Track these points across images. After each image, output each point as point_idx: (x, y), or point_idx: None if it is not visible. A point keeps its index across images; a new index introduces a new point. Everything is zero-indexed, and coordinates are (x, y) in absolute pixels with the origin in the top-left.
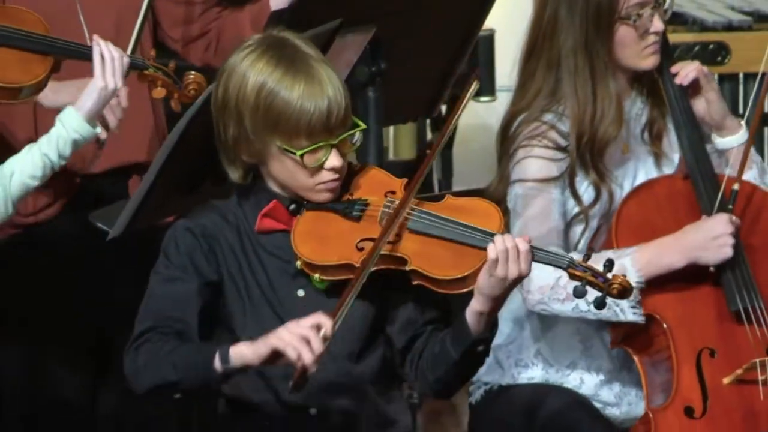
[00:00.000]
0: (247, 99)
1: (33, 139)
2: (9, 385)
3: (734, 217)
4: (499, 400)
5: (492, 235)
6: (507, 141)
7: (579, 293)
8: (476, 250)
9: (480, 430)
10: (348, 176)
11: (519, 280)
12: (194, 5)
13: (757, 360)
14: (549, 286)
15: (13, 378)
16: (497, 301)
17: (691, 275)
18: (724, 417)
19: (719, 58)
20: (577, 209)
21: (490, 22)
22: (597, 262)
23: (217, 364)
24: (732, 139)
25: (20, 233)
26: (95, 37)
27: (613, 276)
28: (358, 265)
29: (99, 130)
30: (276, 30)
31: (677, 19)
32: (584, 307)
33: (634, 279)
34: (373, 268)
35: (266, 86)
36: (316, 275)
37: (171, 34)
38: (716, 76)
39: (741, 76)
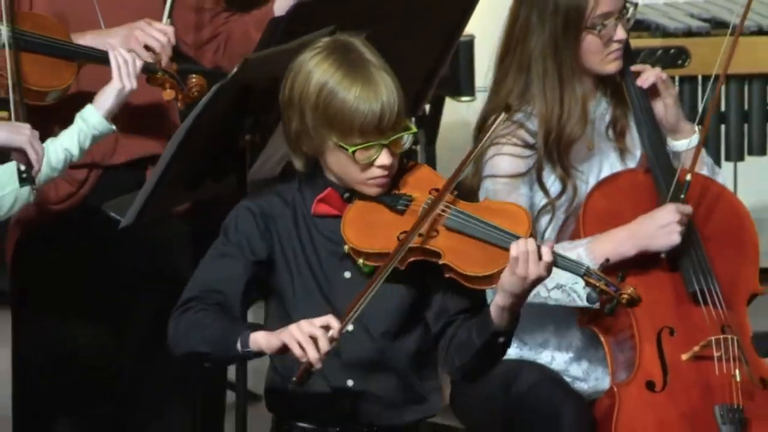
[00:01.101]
0: (309, 96)
1: None
2: (32, 364)
3: (684, 206)
4: None
5: (505, 234)
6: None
7: (591, 300)
8: (504, 251)
9: (460, 401)
10: (399, 172)
11: (539, 281)
12: (204, 11)
13: (713, 338)
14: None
15: (36, 356)
16: (518, 299)
17: (652, 261)
18: (683, 390)
19: (679, 62)
20: (544, 201)
21: (470, 28)
22: (567, 251)
23: (238, 346)
24: (684, 142)
25: (45, 219)
26: (109, 45)
27: (624, 286)
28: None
29: (114, 128)
30: (344, 35)
31: (641, 26)
32: (544, 294)
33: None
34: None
35: (327, 86)
36: (361, 260)
37: (184, 39)
38: (677, 78)
39: (700, 78)
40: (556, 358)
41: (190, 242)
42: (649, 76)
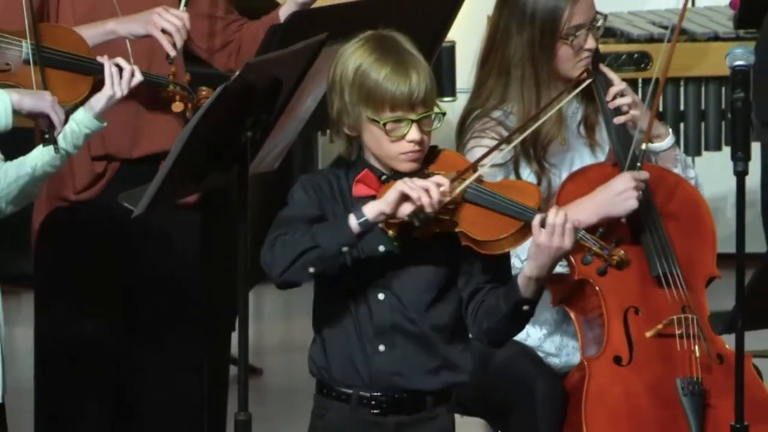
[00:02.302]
0: (347, 76)
1: None
2: (51, 342)
3: (639, 173)
4: None
5: (528, 209)
6: (462, 133)
7: (586, 261)
8: (513, 219)
9: None
10: (430, 155)
11: (563, 252)
12: (217, 20)
13: (674, 317)
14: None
15: (54, 335)
16: (544, 269)
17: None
18: (647, 364)
19: (642, 65)
20: None
21: (451, 35)
22: None
23: (353, 222)
24: (661, 144)
25: (66, 207)
26: (105, 57)
27: (615, 250)
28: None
29: (105, 124)
30: (383, 30)
31: (608, 33)
32: (518, 264)
33: None
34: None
35: (362, 66)
36: (390, 232)
37: (199, 45)
38: (640, 80)
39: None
40: (530, 335)
41: (198, 231)
42: (616, 99)
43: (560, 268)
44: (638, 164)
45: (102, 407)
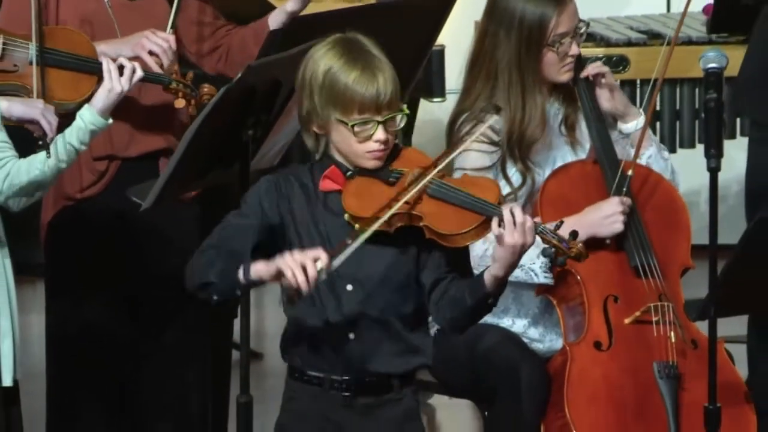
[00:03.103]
0: (317, 78)
1: None
2: (61, 330)
3: (625, 198)
4: (447, 337)
5: (489, 204)
6: (452, 135)
7: (547, 253)
8: (474, 213)
9: (434, 359)
10: (393, 153)
11: (525, 248)
12: (205, 25)
13: (651, 305)
14: (479, 256)
15: (64, 324)
16: (509, 268)
17: (600, 241)
18: (626, 349)
19: (620, 68)
20: (507, 190)
21: (441, 39)
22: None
23: (240, 275)
24: (633, 124)
25: (71, 205)
26: (103, 56)
27: (573, 243)
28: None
29: (111, 121)
30: (350, 33)
31: (588, 37)
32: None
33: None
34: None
35: (331, 69)
36: (357, 225)
37: (189, 50)
38: (618, 82)
39: (638, 81)
40: (515, 322)
41: (198, 224)
42: (593, 67)
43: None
44: (624, 189)
45: (108, 395)
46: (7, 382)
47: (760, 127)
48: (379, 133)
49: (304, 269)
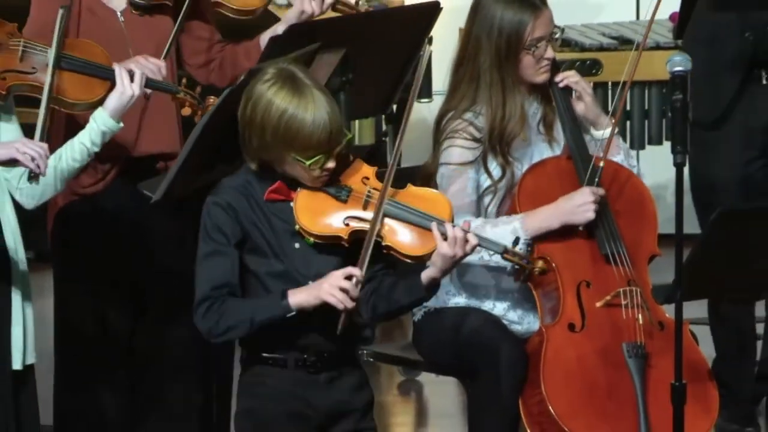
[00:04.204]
0: (270, 119)
1: None
2: (69, 324)
3: (597, 189)
4: (433, 319)
5: (435, 218)
6: (438, 133)
7: (509, 273)
8: (429, 232)
9: (420, 340)
10: (338, 166)
11: (461, 260)
12: (204, 40)
13: (621, 289)
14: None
15: (72, 317)
16: (445, 272)
17: (573, 230)
18: (597, 331)
19: (594, 71)
20: (488, 183)
21: None
22: (505, 223)
23: (286, 307)
24: (605, 132)
25: (79, 200)
26: (115, 63)
27: (534, 260)
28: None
29: (122, 124)
30: (284, 63)
31: (564, 42)
32: (486, 257)
33: (522, 237)
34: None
35: (287, 113)
36: (312, 239)
37: (188, 62)
38: (592, 84)
39: (609, 84)
40: (496, 305)
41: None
42: (567, 76)
43: None
44: (596, 180)
45: (114, 388)
46: (17, 366)
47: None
48: (330, 163)
49: (347, 292)
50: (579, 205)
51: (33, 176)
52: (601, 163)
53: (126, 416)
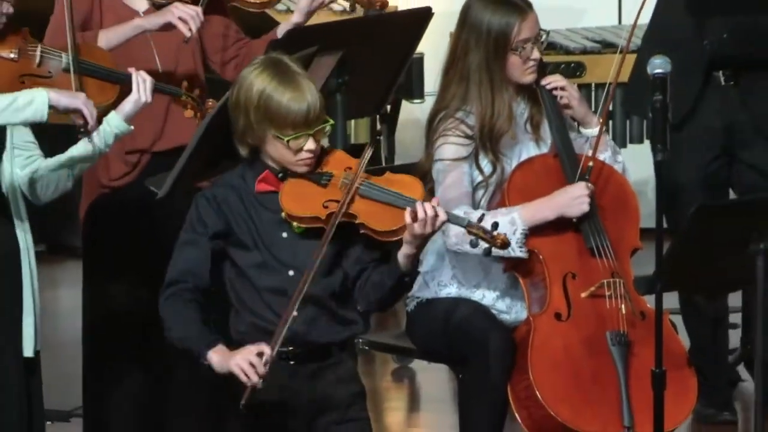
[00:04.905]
0: (252, 99)
1: None
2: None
3: (589, 184)
4: (426, 309)
5: (407, 199)
6: (431, 131)
7: (473, 244)
8: (404, 210)
9: (412, 329)
10: (321, 156)
11: (431, 235)
12: (228, 38)
13: (605, 281)
14: (454, 243)
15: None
16: (419, 248)
17: (560, 224)
18: (583, 320)
19: (578, 73)
20: (480, 178)
21: (421, 48)
22: (504, 215)
23: (199, 353)
24: (593, 130)
25: (107, 193)
26: (133, 69)
27: (497, 234)
28: (323, 218)
29: (132, 128)
30: (274, 53)
31: (549, 46)
32: (468, 248)
33: (520, 228)
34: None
35: (265, 91)
36: (295, 223)
37: (212, 59)
38: (576, 86)
39: (593, 85)
40: (486, 296)
41: None
42: (554, 80)
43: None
44: (586, 177)
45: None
46: (29, 353)
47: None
48: (310, 144)
49: (254, 367)
50: (575, 198)
51: (84, 132)
52: (591, 163)
53: (153, 400)
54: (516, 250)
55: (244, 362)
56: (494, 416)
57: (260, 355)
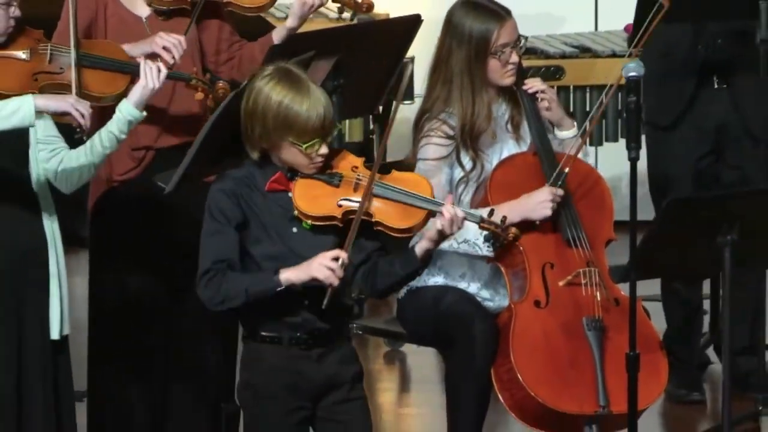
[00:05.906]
0: (270, 109)
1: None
2: (102, 297)
3: (557, 189)
4: (415, 296)
5: (429, 200)
6: (416, 131)
7: (487, 238)
8: (418, 209)
9: (403, 315)
10: (328, 156)
11: (452, 234)
12: (224, 41)
13: (581, 270)
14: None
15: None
16: (437, 244)
17: (531, 222)
18: (561, 307)
19: (557, 76)
20: (461, 174)
21: (412, 51)
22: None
23: (277, 282)
24: (567, 133)
25: (113, 188)
26: (141, 58)
27: (508, 227)
28: (339, 216)
29: (144, 113)
30: (282, 62)
31: (530, 51)
32: (455, 246)
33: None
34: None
35: (284, 102)
36: (309, 222)
37: (210, 59)
38: (555, 88)
39: (571, 87)
40: (471, 285)
41: None
42: (534, 84)
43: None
44: (560, 183)
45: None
46: (54, 336)
47: (645, 123)
48: (323, 149)
49: (333, 271)
50: (538, 203)
51: (80, 133)
52: (566, 169)
53: (156, 391)
54: (483, 249)
55: (323, 267)
56: (479, 396)
57: (336, 259)
